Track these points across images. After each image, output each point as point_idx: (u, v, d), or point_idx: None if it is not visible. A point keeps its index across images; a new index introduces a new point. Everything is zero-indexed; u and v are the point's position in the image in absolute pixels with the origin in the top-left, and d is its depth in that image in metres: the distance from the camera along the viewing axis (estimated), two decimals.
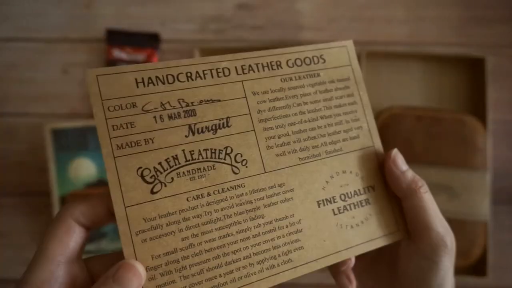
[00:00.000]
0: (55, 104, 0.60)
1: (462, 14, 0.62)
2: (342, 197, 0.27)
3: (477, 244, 0.54)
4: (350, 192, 0.27)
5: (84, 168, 0.56)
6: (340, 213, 0.26)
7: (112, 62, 0.60)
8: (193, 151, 0.24)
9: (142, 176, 0.23)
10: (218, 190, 0.24)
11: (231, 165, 0.25)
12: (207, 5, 0.62)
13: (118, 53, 0.60)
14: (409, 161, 0.54)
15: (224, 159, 0.24)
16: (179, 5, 0.62)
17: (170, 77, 0.24)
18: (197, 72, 0.25)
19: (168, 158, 0.23)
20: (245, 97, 0.26)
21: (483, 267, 0.55)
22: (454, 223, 0.53)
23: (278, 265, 0.24)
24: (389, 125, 0.55)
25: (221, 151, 0.24)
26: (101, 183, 0.56)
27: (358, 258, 0.27)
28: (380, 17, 0.62)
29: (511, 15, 0.62)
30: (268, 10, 0.62)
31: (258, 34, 0.61)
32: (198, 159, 0.24)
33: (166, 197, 0.23)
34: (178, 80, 0.24)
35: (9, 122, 0.60)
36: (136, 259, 0.22)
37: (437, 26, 0.62)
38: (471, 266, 0.55)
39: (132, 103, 0.23)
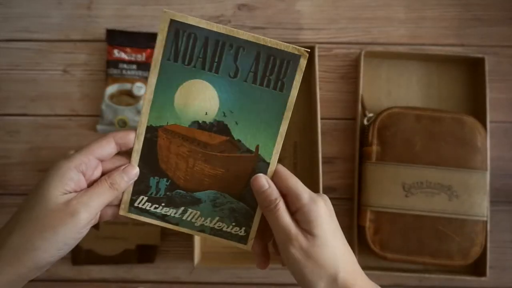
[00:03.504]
0: (55, 104, 0.61)
1: (462, 15, 0.62)
2: None
3: (476, 244, 0.54)
4: None
5: (201, 97, 0.35)
6: None
7: (112, 62, 0.60)
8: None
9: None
10: None
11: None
12: (207, 5, 0.62)
13: (118, 54, 0.60)
14: (409, 161, 0.55)
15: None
16: (179, 5, 0.62)
17: None
18: None
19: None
20: None
21: (483, 267, 0.55)
22: (454, 223, 0.54)
23: None
24: (389, 125, 0.55)
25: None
26: (215, 126, 0.36)
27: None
28: (380, 18, 0.62)
29: (510, 15, 0.62)
30: (268, 11, 0.62)
31: (258, 34, 0.61)
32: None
33: None
34: None
35: (10, 122, 0.60)
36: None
37: (437, 26, 0.62)
38: (471, 266, 0.56)
39: None
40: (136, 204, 0.37)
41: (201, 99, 0.36)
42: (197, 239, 0.54)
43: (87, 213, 0.32)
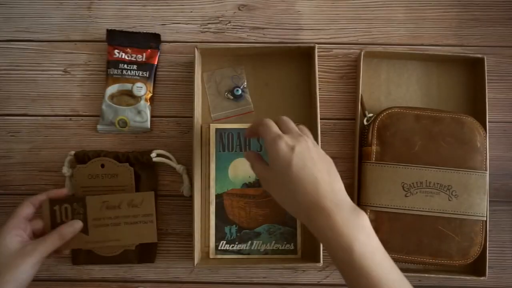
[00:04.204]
0: (56, 104, 0.61)
1: (461, 15, 0.62)
2: None
3: (475, 244, 0.54)
4: None
5: (243, 169, 0.57)
6: None
7: (112, 62, 0.60)
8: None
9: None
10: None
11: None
12: (207, 6, 0.62)
13: (118, 54, 0.60)
14: (409, 161, 0.55)
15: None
16: (179, 5, 0.62)
17: None
18: None
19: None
20: None
21: (482, 267, 0.56)
22: (453, 223, 0.54)
23: None
24: (389, 125, 0.55)
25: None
26: (257, 184, 0.58)
27: None
28: (380, 18, 0.62)
29: (510, 16, 0.62)
30: (268, 11, 0.62)
31: (258, 34, 0.62)
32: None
33: None
34: None
35: (11, 122, 0.61)
36: None
37: (436, 27, 0.62)
38: (470, 265, 0.56)
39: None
40: (219, 248, 0.56)
41: (244, 169, 0.57)
42: (197, 239, 0.54)
43: (40, 256, 0.47)
